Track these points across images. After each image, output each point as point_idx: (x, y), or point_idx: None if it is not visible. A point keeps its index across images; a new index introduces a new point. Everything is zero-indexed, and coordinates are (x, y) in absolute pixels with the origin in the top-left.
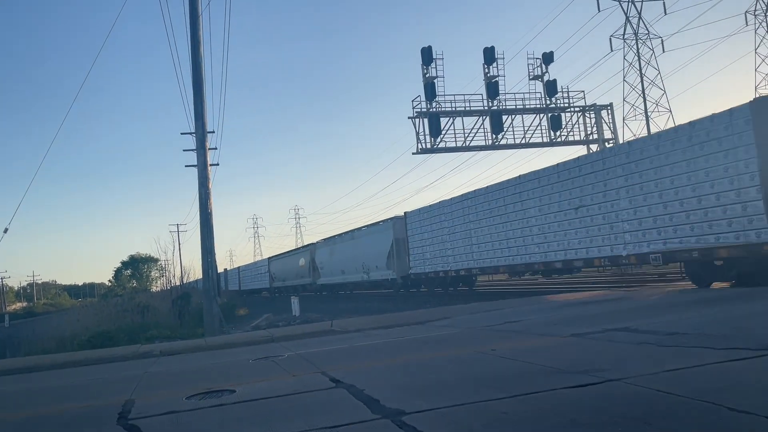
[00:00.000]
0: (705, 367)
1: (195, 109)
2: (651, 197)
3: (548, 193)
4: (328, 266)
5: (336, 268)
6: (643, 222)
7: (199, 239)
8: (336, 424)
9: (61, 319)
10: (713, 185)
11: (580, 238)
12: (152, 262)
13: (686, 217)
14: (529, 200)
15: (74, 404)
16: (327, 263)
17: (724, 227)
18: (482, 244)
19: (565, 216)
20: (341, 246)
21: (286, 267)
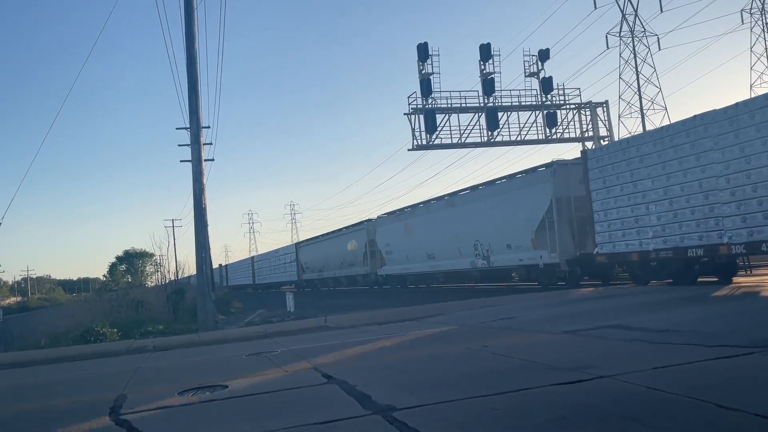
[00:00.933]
0: (694, 364)
1: (189, 104)
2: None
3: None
4: (402, 249)
5: (418, 252)
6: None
7: (194, 234)
8: (327, 420)
9: (55, 313)
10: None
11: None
12: (147, 257)
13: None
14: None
15: (66, 399)
16: (399, 245)
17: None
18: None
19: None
20: (429, 217)
21: (325, 254)
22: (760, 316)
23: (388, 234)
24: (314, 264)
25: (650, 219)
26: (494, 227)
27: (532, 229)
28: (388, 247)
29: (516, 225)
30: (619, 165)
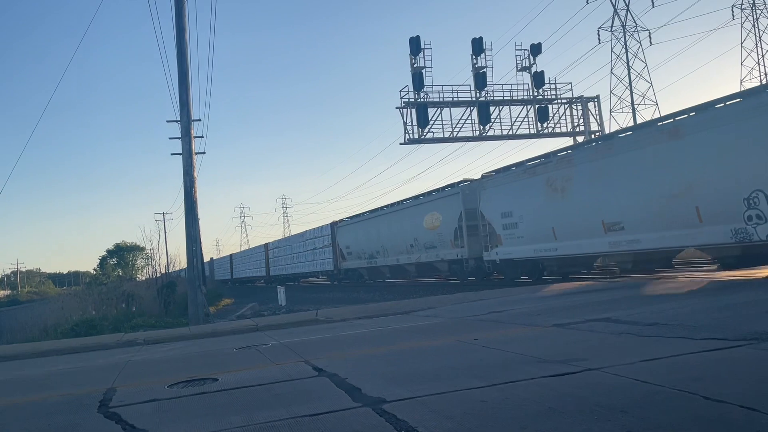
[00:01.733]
0: (682, 357)
1: (180, 97)
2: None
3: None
4: (534, 223)
5: (569, 228)
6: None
7: (184, 228)
8: (317, 412)
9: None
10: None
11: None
12: (138, 250)
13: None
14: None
15: (55, 392)
16: (531, 217)
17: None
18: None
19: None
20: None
21: (384, 232)
22: (744, 309)
23: (496, 199)
24: (362, 248)
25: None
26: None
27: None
28: (505, 218)
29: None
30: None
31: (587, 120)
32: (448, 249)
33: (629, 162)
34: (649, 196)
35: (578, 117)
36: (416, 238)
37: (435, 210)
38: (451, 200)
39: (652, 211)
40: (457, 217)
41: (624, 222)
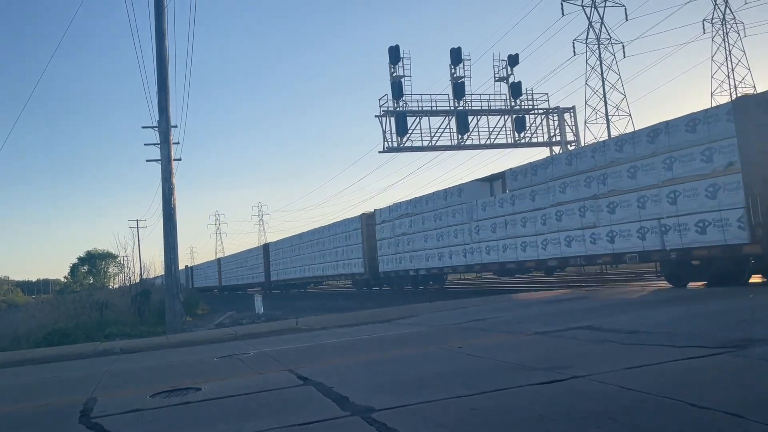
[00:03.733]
0: (666, 365)
1: (159, 102)
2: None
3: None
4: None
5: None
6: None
7: (162, 235)
8: (306, 422)
9: (14, 315)
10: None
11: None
12: (110, 258)
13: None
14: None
15: (32, 403)
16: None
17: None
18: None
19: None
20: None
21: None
22: (721, 317)
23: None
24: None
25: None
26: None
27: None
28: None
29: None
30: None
31: (563, 130)
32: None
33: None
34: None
35: (555, 127)
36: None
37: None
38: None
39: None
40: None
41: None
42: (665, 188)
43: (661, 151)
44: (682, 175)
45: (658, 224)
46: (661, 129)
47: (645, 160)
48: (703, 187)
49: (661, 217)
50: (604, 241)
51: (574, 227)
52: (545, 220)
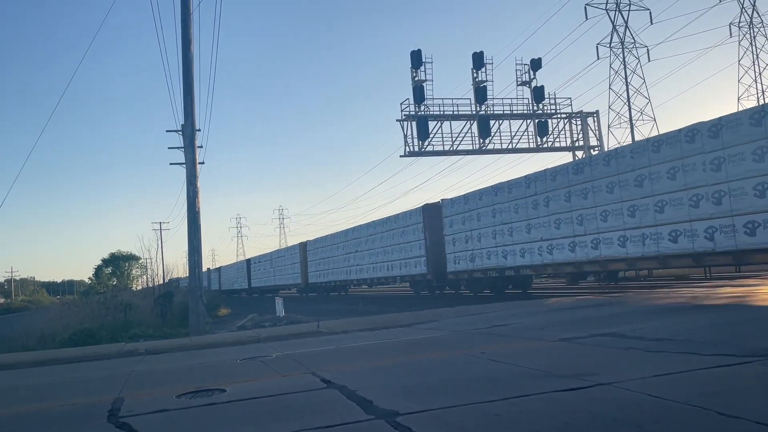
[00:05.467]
0: (693, 373)
1: (185, 107)
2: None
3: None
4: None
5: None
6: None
7: (186, 238)
8: (331, 424)
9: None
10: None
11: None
12: (134, 260)
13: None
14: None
15: (61, 402)
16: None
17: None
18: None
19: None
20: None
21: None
22: (750, 326)
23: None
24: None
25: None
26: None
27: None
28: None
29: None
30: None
31: (587, 135)
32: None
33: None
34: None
35: (578, 132)
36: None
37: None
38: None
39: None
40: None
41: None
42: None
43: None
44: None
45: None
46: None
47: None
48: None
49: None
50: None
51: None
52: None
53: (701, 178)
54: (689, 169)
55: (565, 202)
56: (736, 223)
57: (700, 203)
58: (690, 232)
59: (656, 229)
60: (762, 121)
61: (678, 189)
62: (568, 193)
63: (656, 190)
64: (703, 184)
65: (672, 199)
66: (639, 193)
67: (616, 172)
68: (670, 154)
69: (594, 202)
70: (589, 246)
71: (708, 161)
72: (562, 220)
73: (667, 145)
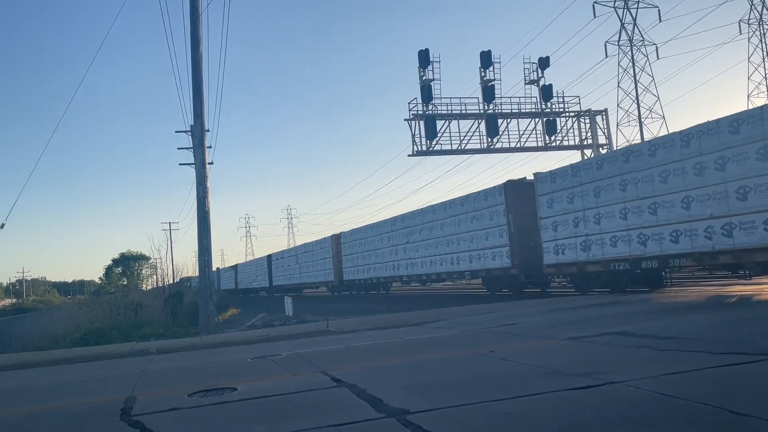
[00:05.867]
0: (704, 371)
1: (194, 108)
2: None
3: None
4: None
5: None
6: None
7: (195, 237)
8: (341, 423)
9: (52, 316)
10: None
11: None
12: (143, 260)
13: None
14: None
15: (74, 400)
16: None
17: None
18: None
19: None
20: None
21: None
22: (759, 324)
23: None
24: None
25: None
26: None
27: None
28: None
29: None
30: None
31: (595, 133)
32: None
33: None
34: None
35: (586, 130)
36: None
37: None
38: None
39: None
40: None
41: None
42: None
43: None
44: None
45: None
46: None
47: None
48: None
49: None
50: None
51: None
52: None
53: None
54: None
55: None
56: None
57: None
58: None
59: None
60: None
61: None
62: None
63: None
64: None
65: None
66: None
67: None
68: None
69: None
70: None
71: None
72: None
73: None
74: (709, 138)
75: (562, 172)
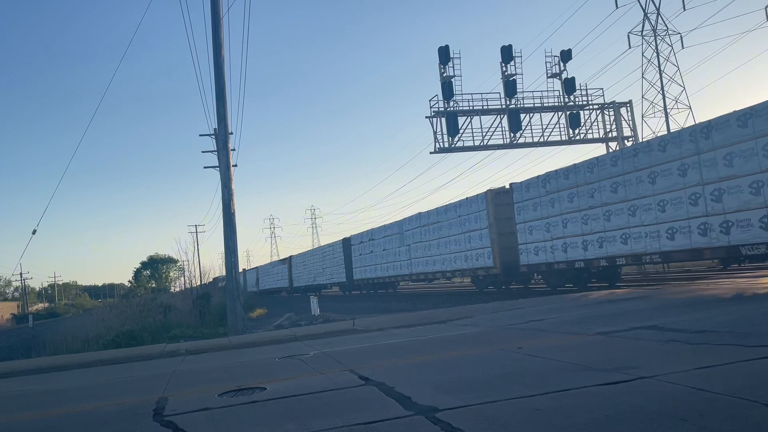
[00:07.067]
0: (737, 365)
1: (217, 111)
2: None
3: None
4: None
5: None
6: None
7: (221, 239)
8: (370, 420)
9: (83, 319)
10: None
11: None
12: (171, 262)
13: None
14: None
15: (108, 402)
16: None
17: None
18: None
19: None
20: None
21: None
22: None
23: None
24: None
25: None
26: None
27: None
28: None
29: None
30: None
31: (620, 126)
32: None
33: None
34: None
35: (611, 123)
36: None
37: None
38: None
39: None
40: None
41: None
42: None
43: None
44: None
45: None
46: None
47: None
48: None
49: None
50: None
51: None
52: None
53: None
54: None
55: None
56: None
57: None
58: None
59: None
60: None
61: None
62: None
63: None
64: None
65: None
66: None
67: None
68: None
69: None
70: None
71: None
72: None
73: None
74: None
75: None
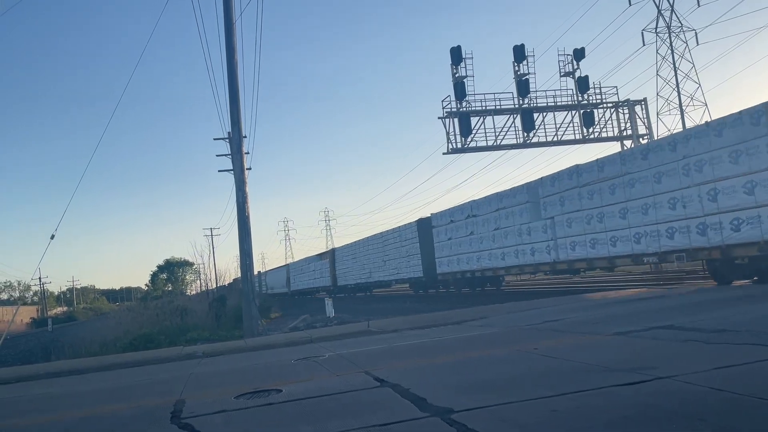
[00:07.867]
0: (756, 364)
1: (231, 115)
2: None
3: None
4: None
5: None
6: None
7: (236, 242)
8: (386, 422)
9: (102, 322)
10: None
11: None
12: (187, 265)
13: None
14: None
15: (126, 404)
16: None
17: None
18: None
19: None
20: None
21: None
22: None
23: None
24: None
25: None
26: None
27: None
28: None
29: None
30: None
31: (635, 124)
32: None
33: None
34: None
35: (625, 121)
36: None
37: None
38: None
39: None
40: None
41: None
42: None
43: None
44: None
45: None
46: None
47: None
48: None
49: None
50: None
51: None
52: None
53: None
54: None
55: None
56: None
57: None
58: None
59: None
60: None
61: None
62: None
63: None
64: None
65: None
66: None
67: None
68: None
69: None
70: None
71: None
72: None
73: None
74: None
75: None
